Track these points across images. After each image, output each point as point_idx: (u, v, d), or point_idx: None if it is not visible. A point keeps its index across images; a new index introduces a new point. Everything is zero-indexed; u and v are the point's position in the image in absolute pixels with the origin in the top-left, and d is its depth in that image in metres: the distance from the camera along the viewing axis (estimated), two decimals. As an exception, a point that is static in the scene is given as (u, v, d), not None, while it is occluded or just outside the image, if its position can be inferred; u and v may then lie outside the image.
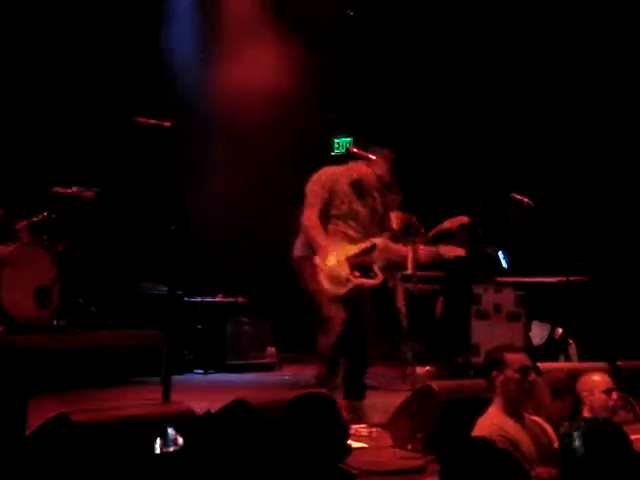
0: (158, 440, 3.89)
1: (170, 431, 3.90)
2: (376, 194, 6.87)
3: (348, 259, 6.58)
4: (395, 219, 8.72)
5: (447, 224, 8.32)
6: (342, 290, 6.52)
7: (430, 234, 8.12)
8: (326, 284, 6.52)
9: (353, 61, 11.08)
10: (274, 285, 10.41)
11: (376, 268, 6.67)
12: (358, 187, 6.79)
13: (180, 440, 3.87)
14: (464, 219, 8.06)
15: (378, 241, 6.76)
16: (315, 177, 6.81)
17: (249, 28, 10.42)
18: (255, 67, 10.08)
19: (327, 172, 6.82)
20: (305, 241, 6.69)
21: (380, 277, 6.66)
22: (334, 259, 6.51)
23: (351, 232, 6.70)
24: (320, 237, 6.54)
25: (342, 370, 6.76)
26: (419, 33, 10.89)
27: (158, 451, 3.90)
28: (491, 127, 10.56)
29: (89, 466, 3.78)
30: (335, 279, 6.52)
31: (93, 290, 8.71)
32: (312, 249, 6.58)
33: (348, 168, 6.84)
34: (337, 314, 6.56)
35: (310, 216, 6.63)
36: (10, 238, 7.77)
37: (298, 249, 6.79)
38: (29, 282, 7.64)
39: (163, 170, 6.21)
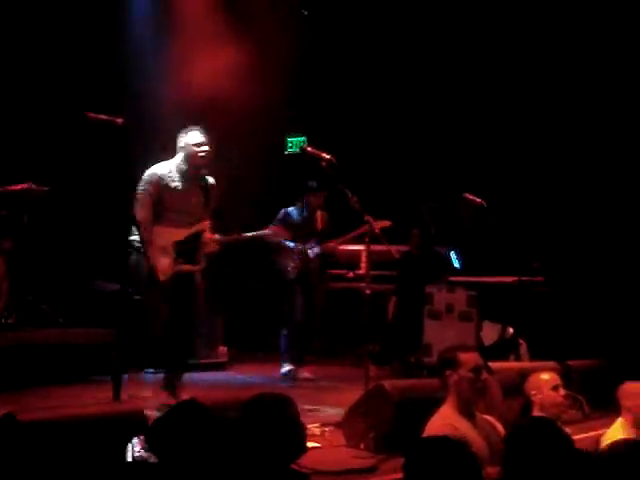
0: (130, 446, 3.84)
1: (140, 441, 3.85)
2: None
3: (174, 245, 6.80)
4: (320, 219, 8.86)
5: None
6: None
7: (356, 234, 8.29)
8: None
9: (307, 59, 11.05)
10: (226, 283, 10.36)
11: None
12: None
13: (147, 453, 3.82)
14: (386, 223, 8.11)
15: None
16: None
17: (203, 25, 10.35)
18: (208, 65, 10.00)
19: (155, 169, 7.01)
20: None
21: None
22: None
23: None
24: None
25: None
26: (371, 30, 10.91)
27: (129, 458, 3.85)
28: (444, 126, 10.61)
29: (35, 465, 3.73)
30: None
31: (45, 288, 8.59)
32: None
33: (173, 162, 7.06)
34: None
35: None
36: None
37: None
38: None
39: (114, 167, 6.15)
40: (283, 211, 9.01)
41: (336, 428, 6.08)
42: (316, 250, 8.96)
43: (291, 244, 8.88)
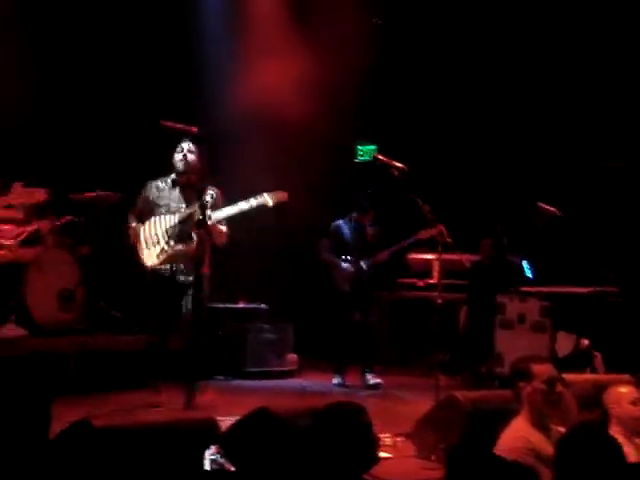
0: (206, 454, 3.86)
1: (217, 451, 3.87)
2: None
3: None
4: (371, 231, 8.84)
5: (423, 234, 8.37)
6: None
7: (406, 242, 8.29)
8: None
9: (378, 68, 11.03)
10: (295, 291, 10.38)
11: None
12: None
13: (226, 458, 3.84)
14: (434, 231, 8.07)
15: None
16: None
17: (274, 35, 10.42)
18: (279, 73, 10.07)
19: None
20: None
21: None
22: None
23: None
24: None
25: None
26: (446, 42, 10.84)
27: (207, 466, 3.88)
28: (520, 136, 10.49)
29: (109, 471, 3.76)
30: None
31: (117, 294, 8.70)
32: None
33: None
34: None
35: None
36: (35, 242, 7.79)
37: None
38: (53, 285, 7.66)
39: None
40: (334, 224, 9.11)
41: (407, 439, 6.04)
42: (368, 263, 8.99)
43: (343, 263, 8.99)
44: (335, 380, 8.96)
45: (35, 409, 3.84)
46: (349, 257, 8.98)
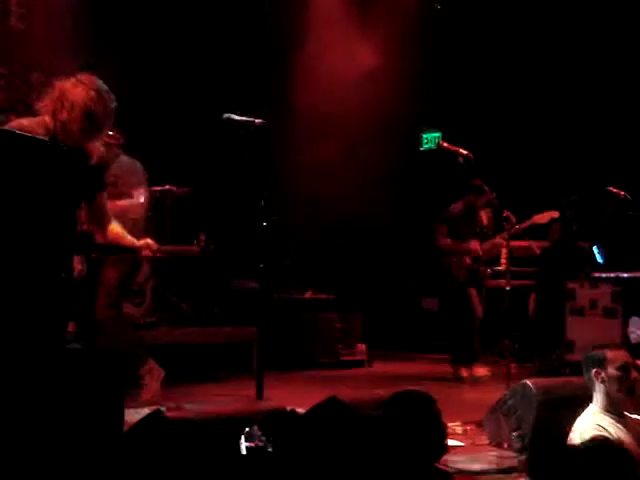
0: (243, 439, 3.88)
1: (255, 431, 3.88)
2: None
3: None
4: (485, 216, 8.67)
5: (538, 218, 8.22)
6: None
7: (520, 228, 8.07)
8: None
9: (441, 55, 10.96)
10: (364, 281, 10.38)
11: None
12: None
13: (265, 439, 3.85)
14: (554, 213, 7.91)
15: None
16: None
17: (337, 26, 10.41)
18: (343, 64, 10.06)
19: None
20: None
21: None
22: None
23: None
24: None
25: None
26: (508, 27, 10.72)
27: (244, 451, 3.89)
28: (588, 119, 10.34)
29: (184, 462, 3.80)
30: None
31: (185, 287, 8.79)
32: None
33: None
34: None
35: None
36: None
37: None
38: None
39: (254, 167, 6.21)
40: (445, 210, 8.79)
41: (478, 427, 6.01)
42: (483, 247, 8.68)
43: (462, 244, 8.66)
44: (465, 373, 8.52)
45: (108, 402, 3.89)
46: (461, 242, 8.65)
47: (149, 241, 5.32)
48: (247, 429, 3.89)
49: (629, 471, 2.89)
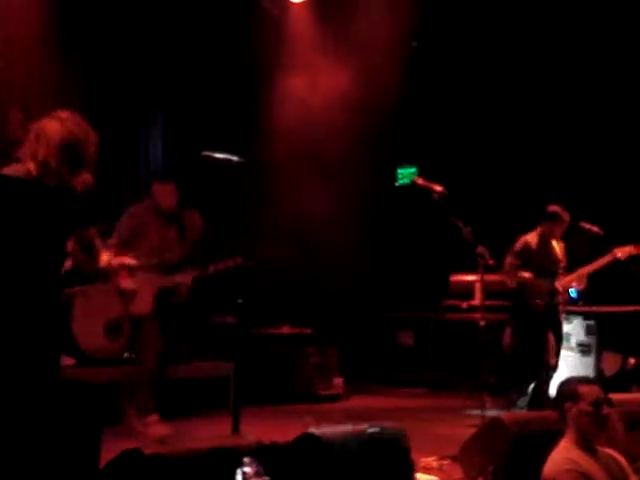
0: (239, 472, 3.89)
1: (250, 462, 3.90)
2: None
3: None
4: (559, 248, 8.25)
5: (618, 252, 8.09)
6: None
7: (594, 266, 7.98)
8: None
9: (417, 91, 11.08)
10: (340, 316, 10.42)
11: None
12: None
13: (261, 471, 3.87)
14: (634, 249, 7.89)
15: None
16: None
17: (312, 59, 10.49)
18: (318, 98, 10.15)
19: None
20: None
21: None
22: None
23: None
24: None
25: None
26: (483, 64, 10.87)
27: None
28: (561, 155, 10.47)
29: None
30: None
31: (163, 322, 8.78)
32: None
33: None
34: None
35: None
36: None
37: None
38: (100, 315, 7.75)
39: (232, 202, 6.27)
40: (522, 240, 8.19)
41: (453, 461, 6.04)
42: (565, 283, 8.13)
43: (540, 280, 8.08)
44: (521, 402, 8.03)
45: (85, 438, 3.90)
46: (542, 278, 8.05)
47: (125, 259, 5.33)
48: (245, 459, 3.91)
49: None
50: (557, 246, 8.21)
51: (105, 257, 4.87)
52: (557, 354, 8.03)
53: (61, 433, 3.88)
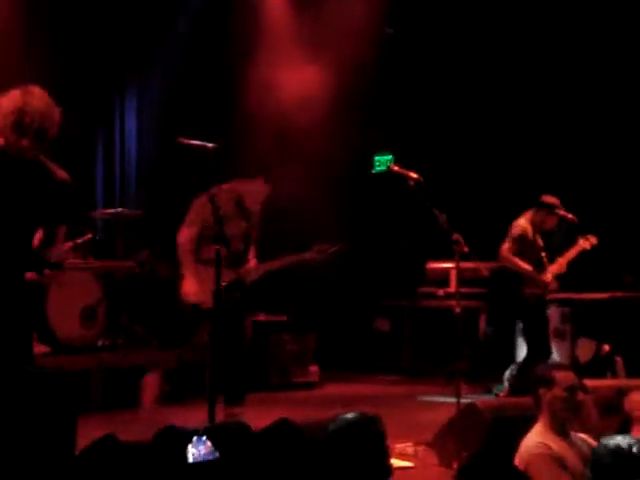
0: (190, 448, 3.90)
1: (202, 440, 3.90)
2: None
3: None
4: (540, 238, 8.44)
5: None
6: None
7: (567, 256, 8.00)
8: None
9: (393, 77, 11.08)
10: (316, 302, 10.41)
11: None
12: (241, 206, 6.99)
13: (212, 449, 3.87)
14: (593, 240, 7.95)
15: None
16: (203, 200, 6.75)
17: (287, 46, 10.47)
18: (294, 85, 10.12)
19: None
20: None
21: None
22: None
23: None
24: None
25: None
26: (461, 49, 10.86)
27: (191, 460, 3.90)
28: (538, 141, 10.51)
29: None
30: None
31: (138, 309, 8.77)
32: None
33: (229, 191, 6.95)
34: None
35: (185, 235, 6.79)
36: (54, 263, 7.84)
37: None
38: (75, 303, 7.73)
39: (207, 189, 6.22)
40: (520, 226, 8.16)
41: (428, 447, 6.06)
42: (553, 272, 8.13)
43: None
44: (497, 389, 8.25)
45: (60, 425, 3.89)
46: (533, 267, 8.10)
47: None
48: (195, 438, 3.91)
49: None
50: (538, 236, 8.22)
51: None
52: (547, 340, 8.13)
53: (36, 421, 3.87)
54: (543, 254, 8.16)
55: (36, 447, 3.82)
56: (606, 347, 8.44)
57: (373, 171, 11.49)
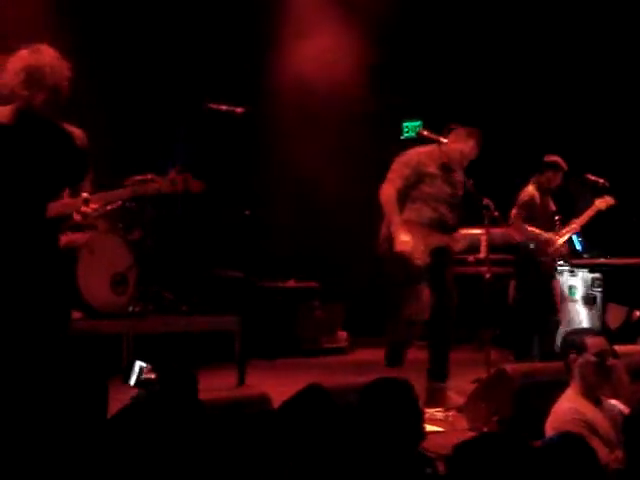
0: (132, 375, 3.93)
1: (140, 365, 3.94)
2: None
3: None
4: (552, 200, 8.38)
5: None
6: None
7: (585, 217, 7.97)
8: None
9: (423, 44, 10.98)
10: (346, 269, 10.41)
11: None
12: (447, 169, 6.73)
13: (151, 373, 3.90)
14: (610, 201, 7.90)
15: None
16: (404, 157, 6.72)
17: (315, 11, 10.40)
18: (322, 51, 10.07)
19: (417, 153, 6.75)
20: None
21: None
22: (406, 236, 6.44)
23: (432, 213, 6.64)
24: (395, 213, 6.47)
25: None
26: (490, 16, 10.75)
27: (132, 383, 3.95)
28: (569, 108, 10.41)
29: (166, 449, 3.83)
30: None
31: (168, 276, 8.81)
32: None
33: (433, 150, 6.77)
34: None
35: (388, 191, 6.55)
36: (87, 227, 7.90)
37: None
38: (105, 269, 7.77)
39: (237, 156, 6.25)
40: (527, 192, 8.12)
41: (459, 412, 6.08)
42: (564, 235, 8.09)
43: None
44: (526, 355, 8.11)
45: (92, 389, 3.92)
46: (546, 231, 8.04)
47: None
48: (138, 363, 3.94)
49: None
50: (549, 199, 8.22)
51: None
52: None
53: (69, 385, 3.91)
54: (557, 217, 8.12)
55: (69, 411, 3.85)
56: (637, 313, 8.40)
57: (402, 137, 11.42)
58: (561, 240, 8.06)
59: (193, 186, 4.70)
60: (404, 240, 6.44)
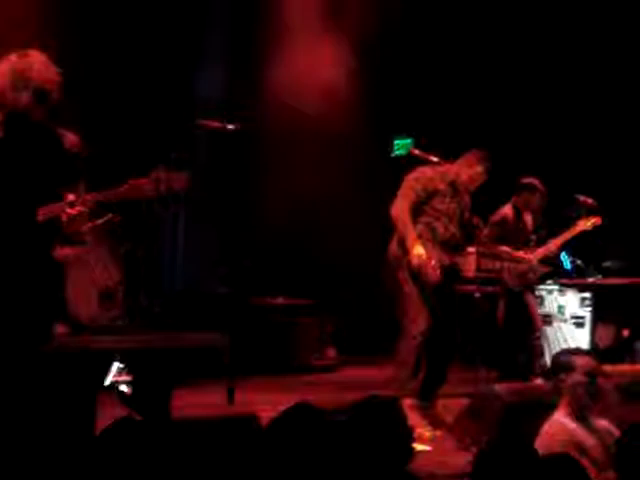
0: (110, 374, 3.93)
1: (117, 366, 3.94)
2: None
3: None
4: (531, 219, 8.41)
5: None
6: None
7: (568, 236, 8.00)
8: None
9: (412, 61, 11.01)
10: (337, 286, 10.40)
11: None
12: (456, 190, 6.81)
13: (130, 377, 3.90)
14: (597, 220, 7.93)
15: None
16: (415, 174, 6.82)
17: (306, 30, 10.42)
18: (313, 68, 10.09)
19: (427, 171, 6.83)
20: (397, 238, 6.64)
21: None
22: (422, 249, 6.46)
23: (444, 231, 6.69)
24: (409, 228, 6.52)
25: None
26: (480, 31, 10.79)
27: (108, 382, 3.94)
28: (558, 128, 10.45)
29: (154, 467, 3.81)
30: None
31: (156, 290, 8.78)
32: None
33: (443, 170, 6.86)
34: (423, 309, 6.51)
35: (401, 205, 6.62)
36: (76, 242, 7.87)
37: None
38: (94, 284, 7.74)
39: (229, 172, 6.24)
40: (500, 212, 8.23)
41: (446, 431, 6.07)
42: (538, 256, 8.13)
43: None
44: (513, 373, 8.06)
45: (80, 405, 3.90)
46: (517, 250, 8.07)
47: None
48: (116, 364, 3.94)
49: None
50: (528, 218, 8.25)
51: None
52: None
53: (56, 401, 3.88)
54: (533, 236, 8.16)
55: (55, 427, 3.83)
56: (625, 332, 8.42)
57: (393, 154, 11.42)
58: (536, 259, 8.06)
59: (176, 184, 4.66)
60: (419, 253, 6.45)
